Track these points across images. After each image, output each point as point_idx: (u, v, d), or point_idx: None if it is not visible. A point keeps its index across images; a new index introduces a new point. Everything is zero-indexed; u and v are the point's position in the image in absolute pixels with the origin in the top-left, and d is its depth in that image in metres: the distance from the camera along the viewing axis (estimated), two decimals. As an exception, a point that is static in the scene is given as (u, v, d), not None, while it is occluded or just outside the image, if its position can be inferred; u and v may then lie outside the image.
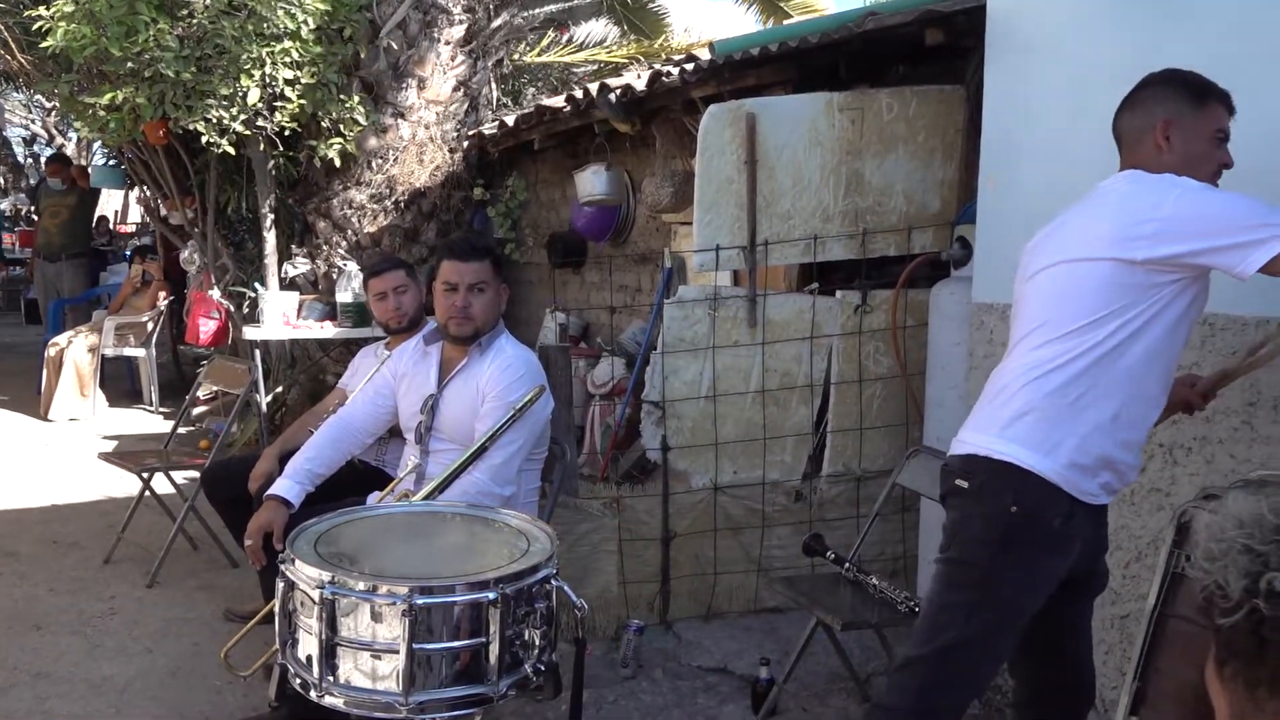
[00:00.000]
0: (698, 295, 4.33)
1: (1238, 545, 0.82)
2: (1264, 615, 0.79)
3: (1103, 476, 2.24)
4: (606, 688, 3.73)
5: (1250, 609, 0.80)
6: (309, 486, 3.13)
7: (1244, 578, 0.81)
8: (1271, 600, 0.79)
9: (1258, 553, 0.81)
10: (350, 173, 7.15)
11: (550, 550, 2.09)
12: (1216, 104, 2.28)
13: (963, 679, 2.34)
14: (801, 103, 4.31)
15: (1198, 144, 2.26)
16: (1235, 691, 0.85)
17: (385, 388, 3.42)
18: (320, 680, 1.89)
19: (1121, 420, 2.20)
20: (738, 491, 4.35)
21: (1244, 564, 0.81)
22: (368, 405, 3.41)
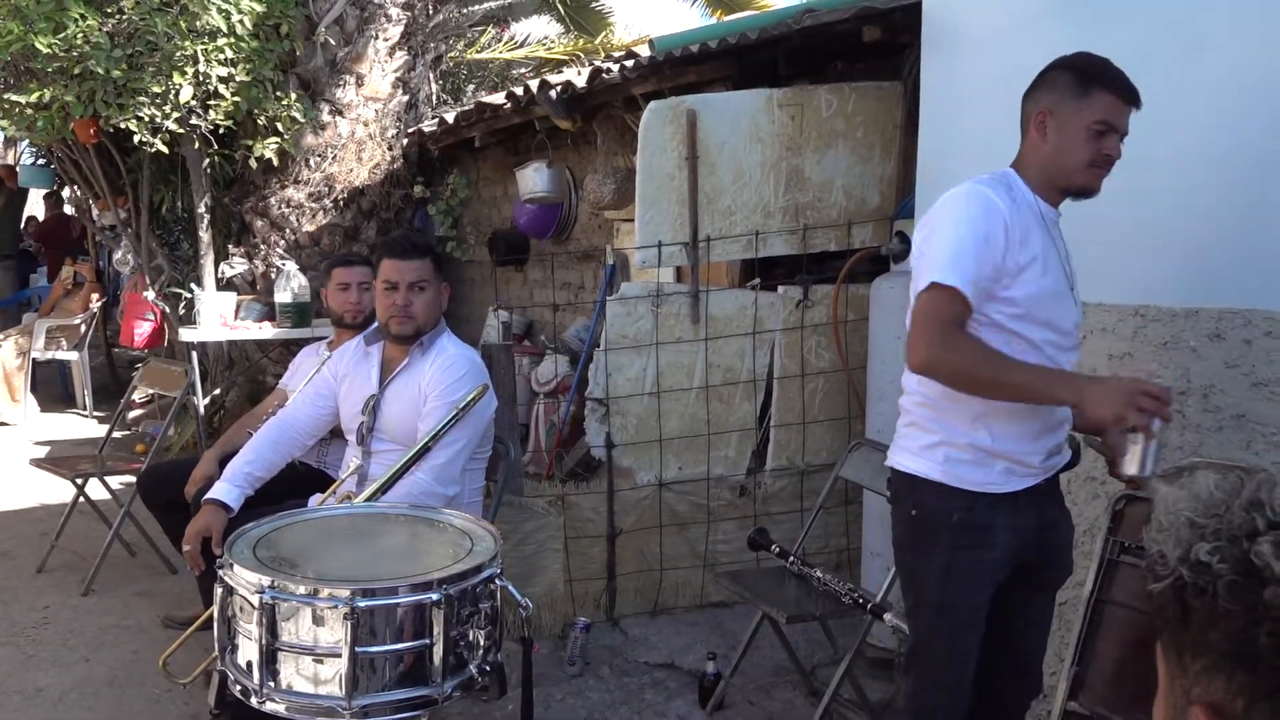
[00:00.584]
0: (640, 292, 4.33)
1: (1183, 519, 0.87)
2: (1186, 581, 0.83)
3: (998, 465, 2.26)
4: (554, 686, 3.72)
5: (1175, 577, 0.85)
6: (248, 490, 3.08)
7: (1179, 547, 0.85)
8: (1194, 568, 0.83)
9: (1198, 525, 0.85)
10: (288, 171, 7.06)
11: (494, 549, 2.08)
12: (1103, 93, 2.20)
13: (931, 681, 2.41)
14: (742, 99, 4.33)
15: (1071, 135, 2.22)
16: (1168, 659, 0.89)
17: (326, 389, 3.38)
18: (261, 686, 1.86)
19: (987, 416, 2.23)
20: (683, 487, 4.37)
21: (1184, 535, 0.85)
22: (308, 407, 3.36)
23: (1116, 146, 2.23)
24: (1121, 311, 2.84)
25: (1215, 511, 0.86)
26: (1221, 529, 0.84)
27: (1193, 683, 0.86)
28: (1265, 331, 2.52)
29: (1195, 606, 0.84)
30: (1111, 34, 2.84)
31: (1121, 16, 2.83)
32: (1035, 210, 2.27)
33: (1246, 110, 2.55)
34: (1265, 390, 2.53)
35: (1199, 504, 0.87)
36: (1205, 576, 0.83)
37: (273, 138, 6.62)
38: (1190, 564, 0.84)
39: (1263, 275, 2.53)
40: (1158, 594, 0.87)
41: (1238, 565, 0.81)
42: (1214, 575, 0.82)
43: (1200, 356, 2.67)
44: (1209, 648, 0.84)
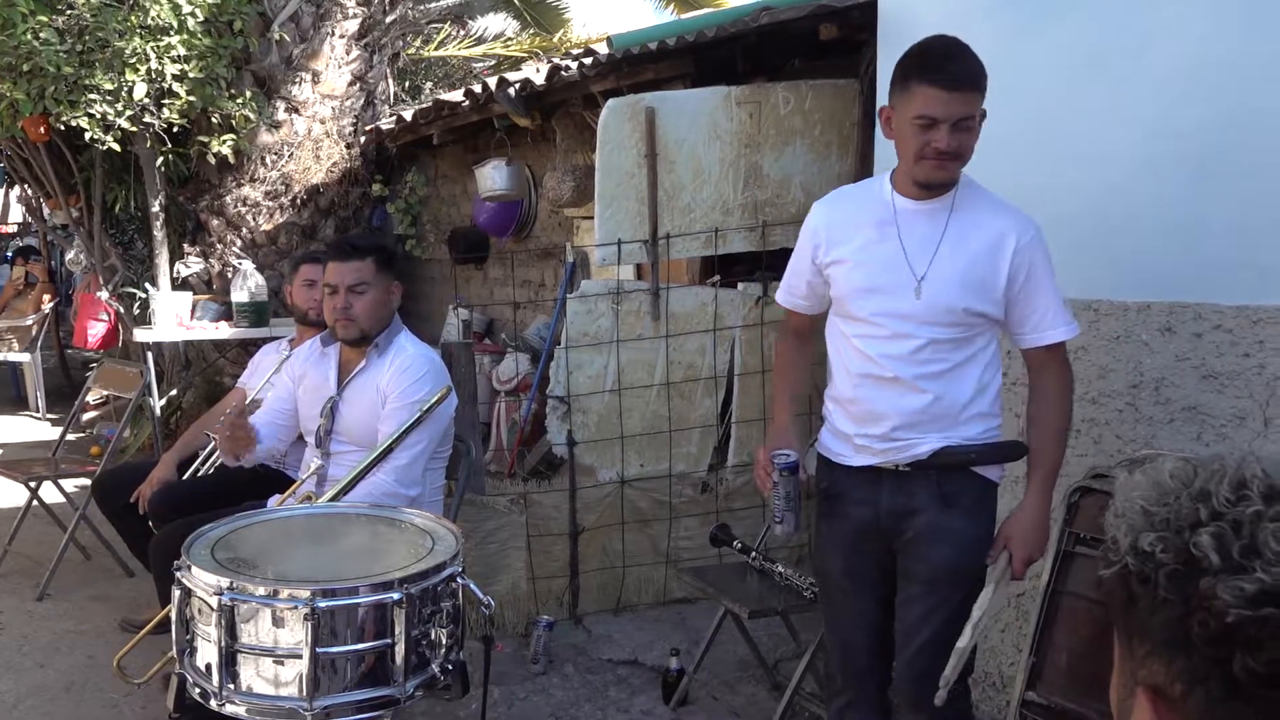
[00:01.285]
0: (600, 289, 4.33)
1: (1137, 506, 0.88)
2: (1131, 569, 0.85)
3: (840, 437, 2.45)
4: (518, 684, 3.72)
5: (1122, 564, 0.86)
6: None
7: (1130, 534, 0.86)
8: (1139, 556, 0.85)
9: (1149, 513, 0.86)
10: (244, 169, 6.98)
11: (455, 548, 2.08)
12: (920, 85, 2.19)
13: (828, 644, 2.63)
14: (700, 97, 4.34)
15: (902, 131, 2.26)
16: (1120, 642, 0.90)
17: (284, 391, 3.36)
18: (220, 689, 1.85)
19: (830, 396, 2.54)
20: (645, 484, 4.37)
21: (1136, 523, 0.87)
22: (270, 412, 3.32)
23: (945, 138, 2.18)
24: (1075, 306, 2.86)
25: (1166, 500, 0.87)
26: (1170, 518, 0.85)
27: (1139, 665, 0.88)
28: (1214, 325, 2.57)
29: (1139, 594, 0.85)
30: (1061, 31, 2.89)
31: (1070, 14, 2.87)
32: (882, 208, 2.34)
33: (1194, 106, 2.59)
34: (1215, 382, 2.58)
35: (1153, 492, 0.88)
36: (1148, 565, 0.84)
37: (228, 135, 6.55)
38: (1136, 552, 0.85)
39: (1211, 270, 2.58)
40: (1106, 580, 0.88)
41: (1179, 555, 0.83)
42: (1156, 564, 0.84)
43: (1152, 350, 2.71)
44: (1151, 633, 0.85)
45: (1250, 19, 2.48)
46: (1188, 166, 2.62)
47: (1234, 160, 2.52)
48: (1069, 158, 2.88)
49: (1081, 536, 2.63)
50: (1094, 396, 2.84)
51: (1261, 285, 2.48)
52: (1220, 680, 0.81)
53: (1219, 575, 0.80)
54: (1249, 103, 2.49)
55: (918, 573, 2.38)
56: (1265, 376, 2.48)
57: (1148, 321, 2.72)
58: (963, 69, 2.20)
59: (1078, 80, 2.85)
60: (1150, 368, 2.72)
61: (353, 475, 2.77)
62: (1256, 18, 2.47)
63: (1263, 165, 2.47)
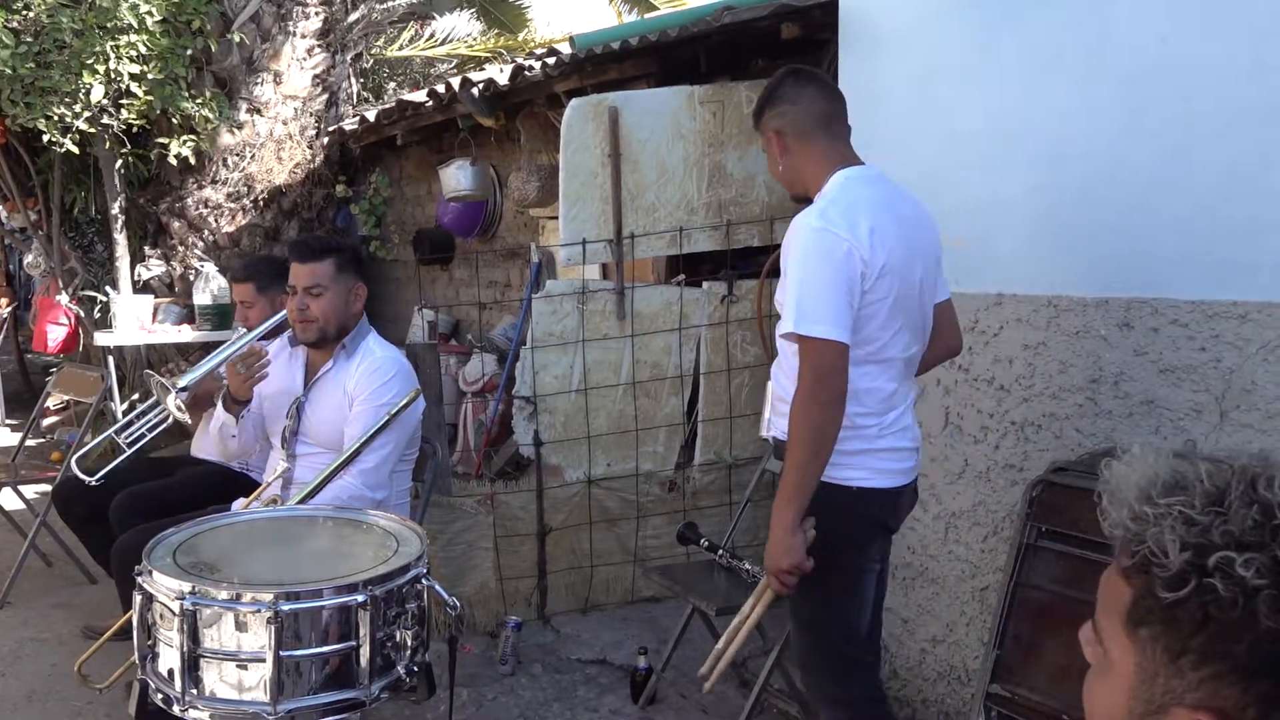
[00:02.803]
0: (566, 289, 4.33)
1: (1174, 512, 0.84)
2: (1218, 595, 0.80)
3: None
4: (486, 685, 3.71)
5: (1199, 585, 0.81)
6: None
7: (1186, 550, 0.82)
8: (1228, 581, 0.80)
9: (1196, 523, 0.83)
10: (205, 171, 6.92)
11: (420, 549, 2.07)
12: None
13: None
14: (663, 96, 4.35)
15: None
16: (1151, 654, 0.86)
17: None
18: (183, 694, 1.83)
19: None
20: (612, 483, 4.38)
21: (1183, 534, 0.83)
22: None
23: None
24: (1035, 302, 2.91)
25: (1213, 508, 0.84)
26: (1247, 536, 0.81)
27: (1189, 687, 0.84)
28: (1171, 320, 2.61)
29: (1220, 617, 0.81)
30: (1022, 31, 2.92)
31: (1030, 14, 2.90)
32: None
33: (1151, 104, 2.63)
34: (1172, 376, 2.61)
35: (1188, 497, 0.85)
36: (1237, 588, 0.80)
37: (188, 136, 6.49)
38: (1219, 573, 0.81)
39: (1168, 265, 2.61)
40: (1170, 602, 0.83)
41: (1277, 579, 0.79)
42: (1251, 589, 0.80)
43: (1111, 345, 2.74)
44: (1226, 657, 0.81)
45: (1207, 19, 2.52)
46: (1144, 164, 2.65)
47: (1190, 158, 2.56)
48: (1029, 156, 2.91)
49: (1043, 530, 2.65)
50: (1054, 392, 2.88)
51: (1216, 280, 2.52)
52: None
53: None
54: (1206, 101, 2.52)
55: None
56: (1220, 370, 2.52)
57: (1106, 317, 2.75)
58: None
59: (1037, 79, 2.88)
60: (1109, 362, 2.75)
61: (320, 479, 2.75)
62: (1213, 17, 2.51)
63: (1218, 163, 2.50)
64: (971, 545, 3.12)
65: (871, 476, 2.35)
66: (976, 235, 3.01)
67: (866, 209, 2.27)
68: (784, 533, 2.20)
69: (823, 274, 2.20)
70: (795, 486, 2.20)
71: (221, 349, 3.52)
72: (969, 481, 3.12)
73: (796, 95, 2.41)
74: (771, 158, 2.48)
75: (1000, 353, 3.01)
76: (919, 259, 2.39)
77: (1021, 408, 2.96)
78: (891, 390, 2.36)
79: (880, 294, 2.27)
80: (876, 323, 2.29)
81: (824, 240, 2.22)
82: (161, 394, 3.50)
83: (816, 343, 2.18)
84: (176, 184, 7.00)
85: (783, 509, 2.21)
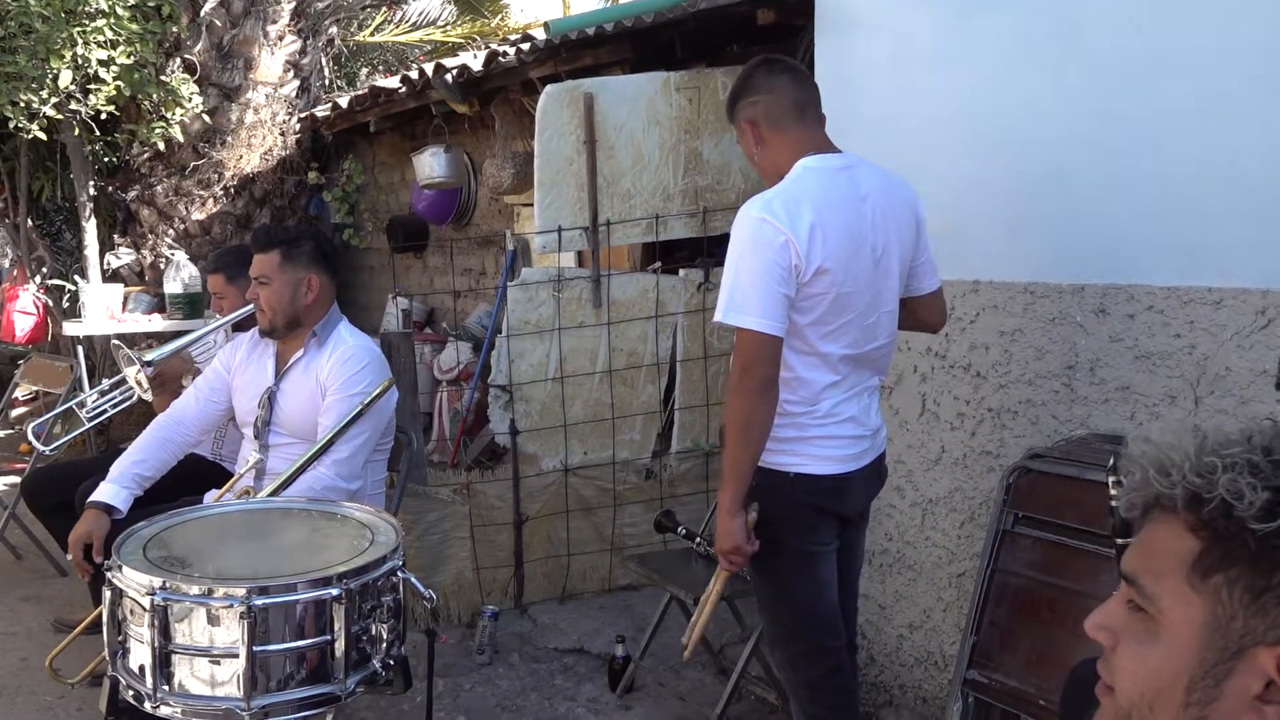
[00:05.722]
0: (541, 277, 4.30)
1: (1240, 460, 0.88)
2: None
3: None
4: (463, 675, 3.69)
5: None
6: (136, 491, 2.99)
7: (1266, 490, 0.86)
8: None
9: (1261, 468, 0.88)
10: (175, 158, 6.84)
11: (396, 541, 2.05)
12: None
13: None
14: (639, 82, 4.32)
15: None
16: (1228, 599, 0.88)
17: (218, 382, 3.29)
18: (155, 690, 1.80)
19: None
20: (589, 472, 4.36)
21: (1255, 478, 0.87)
22: (201, 403, 3.26)
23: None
24: (1012, 289, 2.92)
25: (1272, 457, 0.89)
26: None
27: (1271, 624, 0.86)
28: (1147, 306, 2.61)
29: None
30: (995, 16, 2.91)
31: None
32: None
33: (1124, 90, 2.63)
34: (1148, 363, 2.62)
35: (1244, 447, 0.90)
36: None
37: (158, 123, 6.40)
38: None
39: (1144, 251, 2.62)
40: (1262, 534, 0.86)
41: None
42: None
43: (1087, 331, 2.75)
44: None
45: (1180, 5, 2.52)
46: (1119, 150, 2.65)
47: (1164, 144, 2.56)
48: (1003, 142, 2.91)
49: (1020, 516, 2.66)
50: (1030, 378, 2.88)
51: (1191, 266, 2.53)
52: None
53: None
54: (1179, 87, 2.52)
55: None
56: (1195, 356, 2.53)
57: (1082, 303, 2.75)
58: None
59: (1011, 65, 2.87)
60: (1085, 349, 2.76)
61: (293, 469, 2.72)
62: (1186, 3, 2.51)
63: (1192, 149, 2.51)
64: (948, 532, 3.12)
65: (807, 463, 2.36)
66: (952, 222, 3.01)
67: (812, 204, 2.25)
68: (723, 516, 2.28)
69: (756, 265, 2.20)
70: (729, 472, 2.25)
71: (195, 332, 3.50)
72: (946, 468, 3.12)
73: (769, 84, 2.40)
74: (747, 148, 2.48)
75: (977, 339, 3.01)
76: (886, 251, 2.36)
77: (998, 394, 2.97)
78: (828, 383, 2.35)
79: (818, 290, 2.26)
80: (813, 316, 2.29)
81: (762, 231, 2.22)
82: (125, 364, 3.47)
83: (745, 334, 2.20)
84: (146, 171, 6.92)
85: (721, 493, 2.29)
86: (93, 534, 2.80)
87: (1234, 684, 0.87)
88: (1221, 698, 0.88)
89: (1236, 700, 0.87)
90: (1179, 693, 0.90)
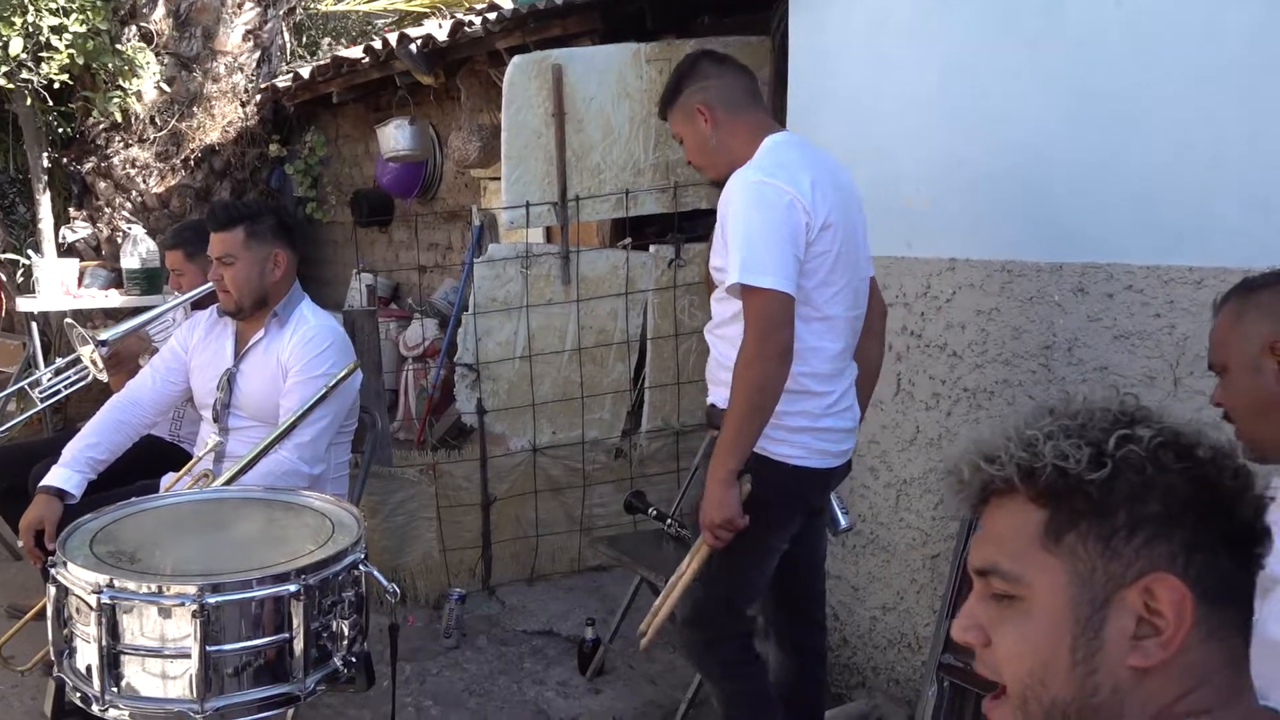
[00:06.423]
0: (509, 253, 4.22)
1: (1057, 426, 0.95)
2: (1129, 462, 0.92)
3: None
4: (430, 660, 3.63)
5: (1113, 461, 0.92)
6: (90, 475, 2.88)
7: (1089, 446, 0.92)
8: (1133, 446, 0.92)
9: (1074, 431, 0.95)
10: (133, 129, 6.68)
11: (357, 533, 1.97)
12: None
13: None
14: (608, 54, 4.22)
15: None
16: (1084, 553, 0.93)
17: (175, 362, 3.18)
18: (103, 692, 1.72)
19: None
20: (557, 452, 4.29)
21: (1076, 438, 0.94)
22: (157, 384, 3.15)
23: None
24: (989, 267, 2.86)
25: (1078, 410, 0.96)
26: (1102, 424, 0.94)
27: (1128, 563, 0.91)
28: (1126, 285, 2.57)
29: (1135, 480, 0.92)
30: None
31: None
32: None
33: (1105, 66, 2.57)
34: (1126, 342, 2.58)
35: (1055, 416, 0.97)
36: (1141, 451, 0.92)
37: (114, 93, 6.24)
38: (1123, 443, 0.92)
39: (1122, 230, 2.57)
40: (1094, 481, 0.92)
41: (1167, 433, 0.93)
42: (1151, 447, 0.92)
43: (1065, 310, 2.70)
44: (1149, 518, 0.91)
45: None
46: (1098, 127, 2.60)
47: (1145, 122, 2.51)
48: (982, 119, 2.85)
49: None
50: (1007, 358, 2.84)
51: (1171, 245, 2.48)
52: (1219, 536, 0.91)
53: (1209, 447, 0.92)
54: (1161, 63, 2.47)
55: None
56: (1175, 336, 2.49)
57: (1060, 282, 2.71)
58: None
59: (990, 39, 2.81)
60: (1063, 328, 2.71)
61: (253, 453, 2.63)
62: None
63: (1173, 126, 2.46)
64: (922, 513, 3.08)
65: (809, 456, 2.34)
66: (929, 198, 2.96)
67: (804, 165, 2.26)
68: (719, 486, 2.18)
69: (766, 225, 2.17)
70: (733, 442, 2.17)
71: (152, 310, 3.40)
72: (920, 449, 3.08)
73: (717, 71, 2.39)
74: (696, 137, 2.41)
75: (953, 318, 2.96)
76: (856, 222, 2.39)
77: (974, 374, 2.92)
78: (838, 350, 2.34)
79: (824, 247, 2.25)
80: (819, 278, 2.26)
81: (765, 192, 2.19)
82: (79, 343, 3.37)
83: (763, 294, 2.14)
84: (102, 143, 6.76)
85: (719, 462, 2.19)
86: (44, 520, 2.69)
87: (1111, 630, 0.91)
88: (1103, 646, 0.92)
89: (1118, 644, 0.91)
90: (1064, 656, 0.93)
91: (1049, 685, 0.94)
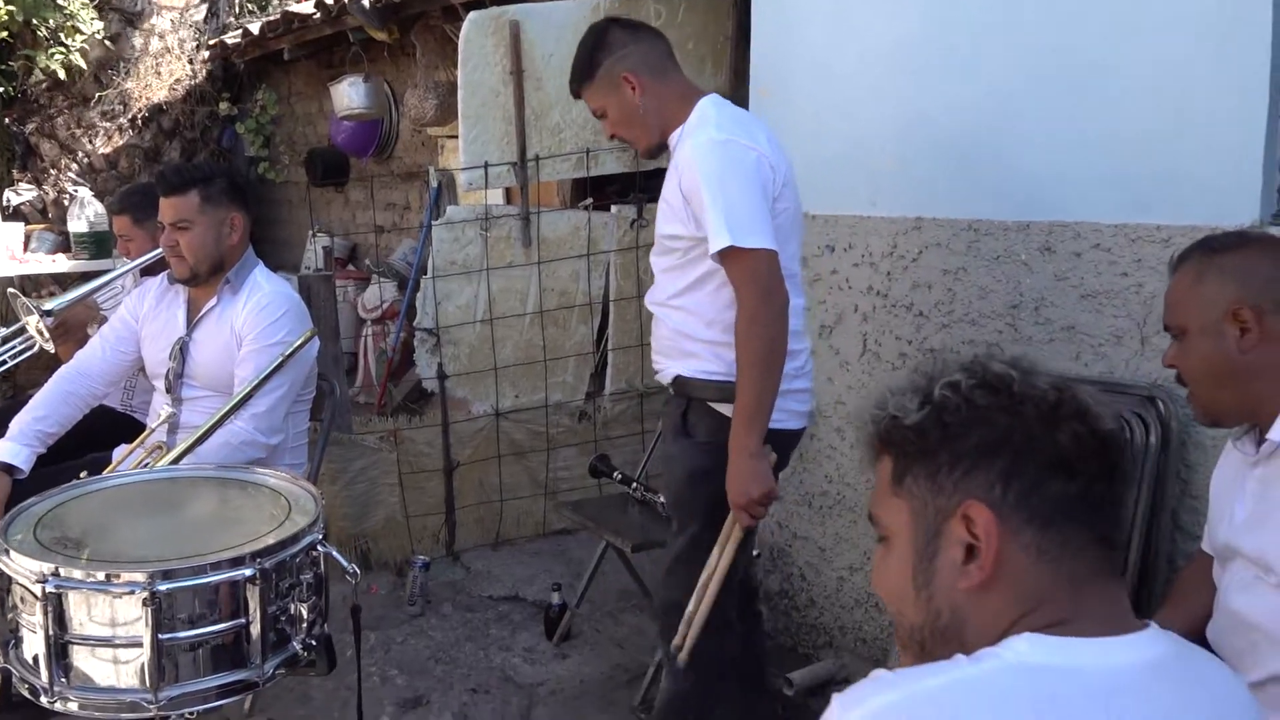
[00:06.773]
0: (468, 215, 4.13)
1: (902, 387, 1.05)
2: (946, 403, 1.01)
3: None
4: (394, 628, 3.59)
5: (933, 405, 1.01)
6: (39, 448, 2.80)
7: (918, 395, 1.03)
8: (951, 391, 1.01)
9: (918, 383, 1.04)
10: (77, 87, 6.50)
11: (315, 513, 1.91)
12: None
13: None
14: (568, 9, 4.12)
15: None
16: (919, 492, 1.03)
17: (126, 331, 3.09)
18: (51, 684, 1.65)
19: None
20: (520, 416, 4.25)
21: (919, 381, 1.04)
22: (107, 353, 3.06)
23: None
24: (955, 226, 2.83)
25: (925, 372, 1.06)
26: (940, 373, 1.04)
27: (951, 494, 1.00)
28: (1093, 244, 2.54)
29: (953, 421, 1.00)
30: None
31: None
32: None
33: (1071, 21, 2.53)
34: (1093, 302, 2.56)
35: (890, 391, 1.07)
36: (957, 394, 1.01)
37: (56, 50, 6.05)
38: (944, 388, 1.01)
39: (1089, 188, 2.54)
40: (915, 425, 1.02)
41: (984, 376, 1.01)
42: (965, 389, 1.01)
43: (1031, 270, 2.68)
44: (967, 452, 1.00)
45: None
46: (1063, 84, 2.56)
47: (1114, 75, 2.47)
48: (948, 76, 2.80)
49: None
50: (974, 318, 2.81)
51: (1139, 204, 2.45)
52: (1039, 464, 0.98)
53: (1023, 379, 1.01)
54: (1128, 18, 2.43)
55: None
56: (1143, 295, 2.47)
57: (1027, 241, 2.68)
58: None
59: (956, -8, 2.76)
60: (1030, 288, 2.69)
61: (209, 424, 2.55)
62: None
63: (1141, 83, 2.42)
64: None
65: (788, 418, 2.32)
66: (894, 157, 2.91)
67: (754, 122, 2.27)
68: (750, 461, 2.13)
69: (741, 184, 2.14)
70: (754, 408, 2.13)
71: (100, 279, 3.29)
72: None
73: (634, 37, 2.36)
74: (623, 107, 2.36)
75: (919, 278, 2.93)
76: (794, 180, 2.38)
77: (940, 334, 2.89)
78: (801, 306, 2.34)
79: (785, 204, 2.25)
80: (783, 235, 2.24)
81: (732, 150, 2.16)
82: (24, 313, 3.26)
83: (754, 254, 2.11)
84: (45, 102, 6.58)
85: (745, 435, 2.13)
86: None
87: (943, 559, 1.01)
88: (937, 573, 1.01)
89: (949, 570, 1.00)
90: (910, 585, 1.03)
91: (905, 613, 1.04)
